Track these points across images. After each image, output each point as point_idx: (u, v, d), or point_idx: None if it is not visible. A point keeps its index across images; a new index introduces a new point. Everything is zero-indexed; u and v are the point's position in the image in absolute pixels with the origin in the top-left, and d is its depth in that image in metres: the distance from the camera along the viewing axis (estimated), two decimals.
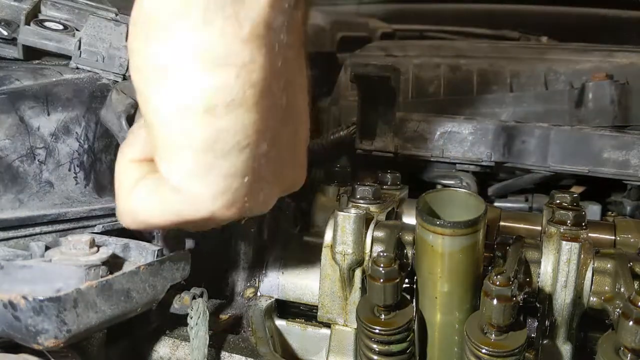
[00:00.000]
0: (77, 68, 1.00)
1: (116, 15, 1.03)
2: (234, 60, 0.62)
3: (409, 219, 1.15)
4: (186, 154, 0.66)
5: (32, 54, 1.00)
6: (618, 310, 0.83)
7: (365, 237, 1.00)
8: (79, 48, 0.99)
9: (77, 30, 1.02)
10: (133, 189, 0.74)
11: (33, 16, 1.01)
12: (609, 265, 0.91)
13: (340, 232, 1.00)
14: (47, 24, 1.00)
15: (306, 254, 1.15)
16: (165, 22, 0.62)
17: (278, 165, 0.75)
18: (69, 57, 1.00)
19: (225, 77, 0.63)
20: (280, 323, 1.16)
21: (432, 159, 1.40)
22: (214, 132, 0.64)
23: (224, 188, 0.68)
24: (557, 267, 0.91)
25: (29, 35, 0.98)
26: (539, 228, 1.12)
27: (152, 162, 0.72)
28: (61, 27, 1.01)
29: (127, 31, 1.04)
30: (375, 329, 0.91)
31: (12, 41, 0.99)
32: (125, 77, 1.02)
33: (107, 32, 1.00)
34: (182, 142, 0.65)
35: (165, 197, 0.70)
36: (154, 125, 0.67)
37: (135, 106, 0.94)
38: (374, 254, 0.97)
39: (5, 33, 0.97)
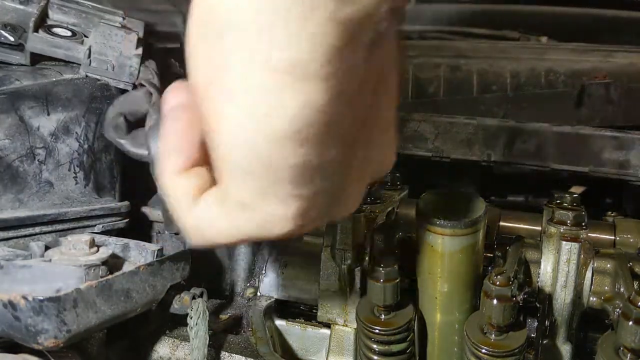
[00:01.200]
0: (87, 76, 0.99)
1: (123, 19, 1.03)
2: (326, 72, 0.47)
3: (409, 219, 1.14)
4: (263, 180, 0.53)
5: (38, 60, 0.99)
6: (618, 310, 0.83)
7: (365, 237, 1.00)
8: (89, 57, 0.98)
9: (85, 36, 1.01)
10: (194, 205, 0.60)
11: (41, 22, 0.99)
12: (608, 265, 0.91)
13: (340, 232, 1.00)
14: (55, 30, 0.99)
15: (306, 254, 1.15)
16: (243, 27, 0.47)
17: (367, 161, 0.62)
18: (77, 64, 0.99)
19: (314, 93, 0.48)
20: (280, 323, 1.15)
21: (432, 159, 1.40)
22: (299, 163, 0.51)
23: (305, 209, 0.56)
24: (557, 267, 0.91)
25: (38, 43, 0.97)
26: (539, 228, 1.12)
27: (203, 169, 0.60)
28: (69, 33, 1.00)
29: (137, 40, 1.01)
30: (375, 329, 0.91)
31: (18, 47, 0.97)
32: (136, 86, 1.00)
33: (117, 40, 0.99)
34: (258, 170, 0.52)
35: (233, 216, 0.58)
36: (222, 145, 0.53)
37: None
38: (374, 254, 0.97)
39: (12, 39, 0.96)
